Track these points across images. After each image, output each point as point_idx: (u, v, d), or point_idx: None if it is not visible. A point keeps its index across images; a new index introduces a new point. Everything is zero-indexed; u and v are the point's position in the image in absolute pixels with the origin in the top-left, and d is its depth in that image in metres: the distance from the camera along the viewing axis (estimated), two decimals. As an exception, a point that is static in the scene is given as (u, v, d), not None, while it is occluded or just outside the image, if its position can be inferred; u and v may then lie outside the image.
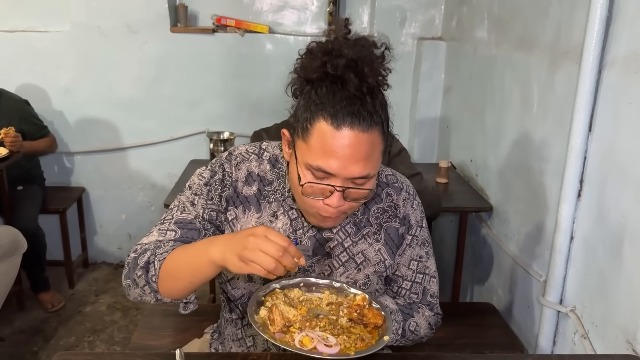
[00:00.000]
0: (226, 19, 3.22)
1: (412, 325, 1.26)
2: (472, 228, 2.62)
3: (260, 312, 1.05)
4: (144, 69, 3.29)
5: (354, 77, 1.01)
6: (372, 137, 1.02)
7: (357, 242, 1.22)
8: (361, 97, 1.01)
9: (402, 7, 3.22)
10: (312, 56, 1.05)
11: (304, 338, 0.99)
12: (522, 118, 2.10)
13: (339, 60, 1.01)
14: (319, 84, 1.04)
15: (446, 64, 3.15)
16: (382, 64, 1.05)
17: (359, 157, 1.02)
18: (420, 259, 1.28)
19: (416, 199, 1.29)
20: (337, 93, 1.01)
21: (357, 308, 1.09)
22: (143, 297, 1.12)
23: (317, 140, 1.02)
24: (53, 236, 3.24)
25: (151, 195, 3.54)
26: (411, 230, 1.27)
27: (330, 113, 1.00)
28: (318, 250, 1.21)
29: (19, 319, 2.94)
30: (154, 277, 1.08)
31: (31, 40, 3.21)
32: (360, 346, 1.00)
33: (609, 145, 1.52)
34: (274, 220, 1.20)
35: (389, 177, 1.28)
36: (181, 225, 1.17)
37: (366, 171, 1.03)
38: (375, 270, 1.24)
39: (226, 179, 1.20)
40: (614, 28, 1.49)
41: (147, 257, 1.10)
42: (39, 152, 3.10)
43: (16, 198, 2.96)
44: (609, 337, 1.50)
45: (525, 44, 2.09)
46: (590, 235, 1.60)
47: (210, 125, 3.38)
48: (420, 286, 1.30)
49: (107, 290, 3.31)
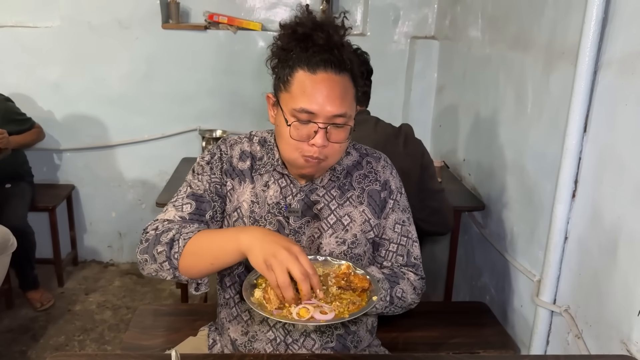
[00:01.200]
0: (218, 16, 3.19)
1: (399, 292, 1.34)
2: (465, 227, 2.62)
3: (255, 294, 1.12)
4: (135, 66, 3.26)
5: (321, 34, 1.18)
6: (344, 80, 1.20)
7: (343, 205, 1.34)
8: (330, 49, 1.18)
9: (396, 6, 3.23)
10: (284, 28, 1.22)
11: (300, 310, 1.06)
12: (517, 118, 2.10)
13: (306, 24, 1.20)
14: (292, 47, 1.20)
15: (439, 63, 3.16)
16: (343, 27, 1.22)
17: (335, 95, 1.17)
18: (403, 223, 1.40)
19: (394, 169, 1.42)
20: (310, 48, 1.18)
21: (343, 276, 1.18)
22: (159, 272, 1.21)
23: (298, 86, 1.18)
24: (42, 234, 3.21)
25: (142, 193, 3.51)
26: (392, 195, 1.39)
27: (305, 62, 1.18)
28: (306, 212, 1.32)
29: (7, 317, 2.91)
30: (176, 255, 1.17)
31: (20, 35, 3.16)
32: (353, 309, 1.09)
33: (604, 146, 1.52)
34: (266, 190, 1.32)
35: (368, 150, 1.42)
36: (194, 198, 1.30)
37: (343, 109, 1.18)
38: (362, 230, 1.34)
39: (223, 156, 1.35)
40: (610, 29, 1.49)
41: (172, 234, 1.20)
42: (28, 145, 3.04)
43: (4, 196, 2.92)
44: (603, 337, 1.50)
45: (520, 43, 2.09)
46: (584, 236, 1.60)
47: (202, 122, 3.36)
48: (405, 249, 1.40)
49: (96, 288, 3.28)
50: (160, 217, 1.29)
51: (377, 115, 2.06)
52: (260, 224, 1.30)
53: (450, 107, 2.99)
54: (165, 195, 2.48)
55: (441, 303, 2.68)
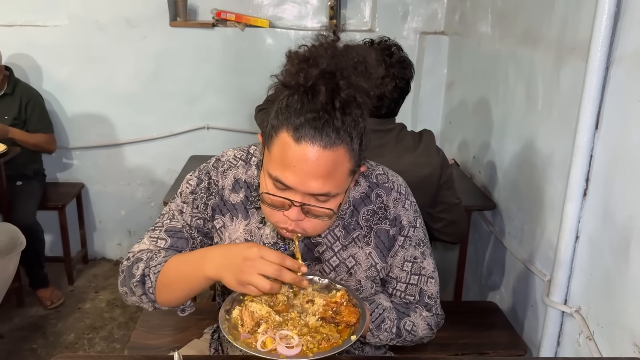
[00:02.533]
0: (226, 13, 3.18)
1: (409, 325, 1.23)
2: (475, 226, 2.59)
3: (234, 311, 1.05)
4: (143, 64, 3.26)
5: (325, 89, 0.96)
6: (336, 154, 0.97)
7: (347, 246, 1.20)
8: (330, 111, 0.96)
9: (404, 1, 3.20)
10: (290, 62, 1.02)
11: (267, 339, 0.99)
12: (527, 114, 2.06)
13: (313, 69, 0.97)
14: (292, 91, 1.00)
15: (449, 59, 3.12)
16: (367, 76, 1.00)
17: (318, 173, 0.97)
18: (415, 260, 1.24)
19: (408, 199, 1.24)
20: (306, 105, 0.97)
21: (333, 305, 1.07)
22: (141, 304, 1.15)
23: (278, 150, 0.99)
24: (52, 232, 3.23)
25: (150, 191, 3.52)
26: (403, 231, 1.22)
27: (293, 125, 0.96)
28: (307, 256, 1.19)
29: (17, 315, 2.93)
30: (150, 289, 1.10)
31: (29, 34, 3.17)
32: (325, 347, 0.99)
33: (616, 143, 1.48)
34: (262, 227, 1.19)
35: (380, 177, 1.23)
36: (171, 234, 1.19)
37: (326, 189, 0.99)
38: (367, 275, 1.21)
39: (212, 187, 1.20)
40: (622, 24, 1.45)
41: (142, 269, 1.11)
42: (30, 145, 3.02)
43: (15, 194, 2.94)
44: (614, 338, 1.47)
45: (530, 39, 2.06)
46: (596, 235, 1.57)
47: (210, 120, 3.36)
48: (417, 287, 1.26)
49: (106, 286, 3.30)
50: (135, 248, 1.19)
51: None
52: None
53: (460, 103, 2.95)
54: (172, 193, 2.47)
55: (451, 302, 2.64)
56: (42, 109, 3.11)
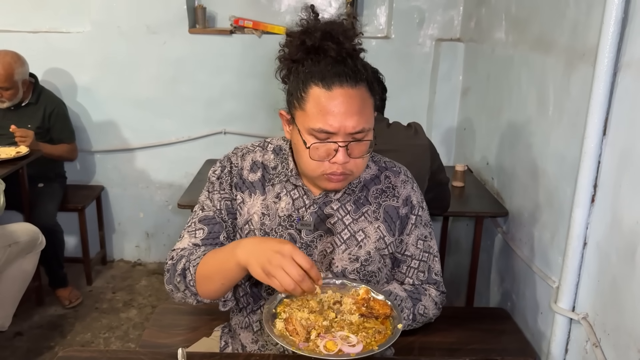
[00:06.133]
0: (244, 20, 3.23)
1: (421, 309, 1.34)
2: (488, 232, 2.58)
3: (277, 325, 1.08)
4: (163, 69, 3.33)
5: (332, 44, 1.14)
6: (361, 92, 1.14)
7: (358, 220, 1.29)
8: (342, 60, 1.14)
9: (420, 8, 3.20)
10: (291, 39, 1.18)
11: (327, 343, 1.03)
12: (538, 120, 2.06)
13: (315, 34, 1.15)
14: (302, 58, 1.16)
15: (464, 65, 3.12)
16: (353, 31, 1.18)
17: (353, 111, 1.12)
18: (425, 239, 1.36)
19: (415, 182, 1.37)
20: (321, 61, 1.14)
21: (363, 302, 1.14)
22: (186, 299, 1.22)
23: (313, 104, 1.13)
24: (72, 233, 3.30)
25: (168, 194, 3.57)
26: (414, 210, 1.34)
27: (319, 78, 1.12)
28: (319, 226, 1.28)
29: (37, 314, 3.00)
30: (191, 282, 1.18)
31: (53, 40, 3.27)
32: (379, 339, 1.06)
33: (623, 149, 1.48)
34: (278, 201, 1.28)
35: (387, 163, 1.37)
36: (206, 222, 1.28)
37: (361, 125, 1.13)
38: (376, 247, 1.30)
39: (233, 169, 1.31)
40: (630, 29, 1.45)
41: (183, 264, 1.20)
42: (56, 156, 3.14)
43: (36, 195, 3.02)
44: (621, 346, 1.45)
45: (542, 44, 2.05)
46: (603, 242, 1.56)
47: (227, 125, 3.41)
48: (426, 264, 1.37)
49: (123, 287, 3.36)
50: (177, 245, 1.29)
51: (401, 119, 2.09)
52: (271, 236, 1.27)
53: (474, 109, 2.95)
54: (187, 197, 2.52)
55: (461, 308, 2.64)
56: (65, 118, 3.19)
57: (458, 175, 2.65)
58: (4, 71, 2.85)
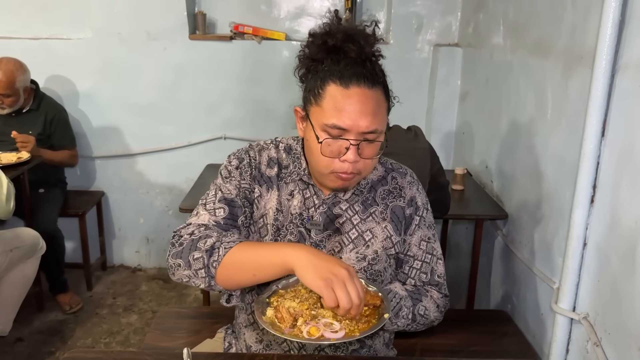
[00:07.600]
0: (244, 27, 3.25)
1: (422, 310, 1.33)
2: (487, 235, 2.59)
3: (267, 313, 1.12)
4: (163, 75, 3.35)
5: (353, 46, 1.16)
6: (377, 94, 1.16)
7: (365, 220, 1.32)
8: (362, 62, 1.17)
9: (419, 14, 3.23)
10: (313, 39, 1.21)
11: (311, 329, 1.07)
12: (537, 123, 2.08)
13: (337, 35, 1.18)
14: (323, 58, 1.19)
15: (462, 70, 3.14)
16: (374, 37, 1.20)
17: (368, 111, 1.14)
18: (428, 240, 1.38)
19: (420, 184, 1.40)
20: (341, 61, 1.17)
21: None
22: (192, 279, 1.16)
23: (330, 101, 1.15)
24: (73, 239, 3.30)
25: (169, 200, 3.58)
26: (418, 211, 1.36)
27: (337, 76, 1.15)
28: (328, 226, 1.30)
29: (37, 319, 2.99)
30: (215, 263, 1.13)
31: (54, 47, 3.29)
32: (363, 327, 1.09)
33: (622, 150, 1.49)
34: (291, 199, 1.31)
35: (394, 164, 1.40)
36: (227, 202, 1.27)
37: (374, 125, 1.15)
38: (383, 246, 1.32)
39: (252, 162, 1.32)
40: (627, 32, 1.47)
41: (212, 242, 1.15)
42: (56, 162, 3.16)
43: (37, 200, 3.03)
44: (622, 345, 1.47)
45: (540, 49, 2.08)
46: (603, 242, 1.57)
47: (227, 130, 3.42)
48: (429, 266, 1.38)
49: (124, 292, 3.36)
50: (194, 220, 1.25)
51: (400, 124, 2.12)
52: (282, 233, 1.29)
53: (473, 114, 2.97)
54: (188, 201, 2.53)
55: (462, 311, 2.65)
56: (66, 124, 3.20)
57: (458, 179, 2.67)
58: (6, 79, 2.87)
